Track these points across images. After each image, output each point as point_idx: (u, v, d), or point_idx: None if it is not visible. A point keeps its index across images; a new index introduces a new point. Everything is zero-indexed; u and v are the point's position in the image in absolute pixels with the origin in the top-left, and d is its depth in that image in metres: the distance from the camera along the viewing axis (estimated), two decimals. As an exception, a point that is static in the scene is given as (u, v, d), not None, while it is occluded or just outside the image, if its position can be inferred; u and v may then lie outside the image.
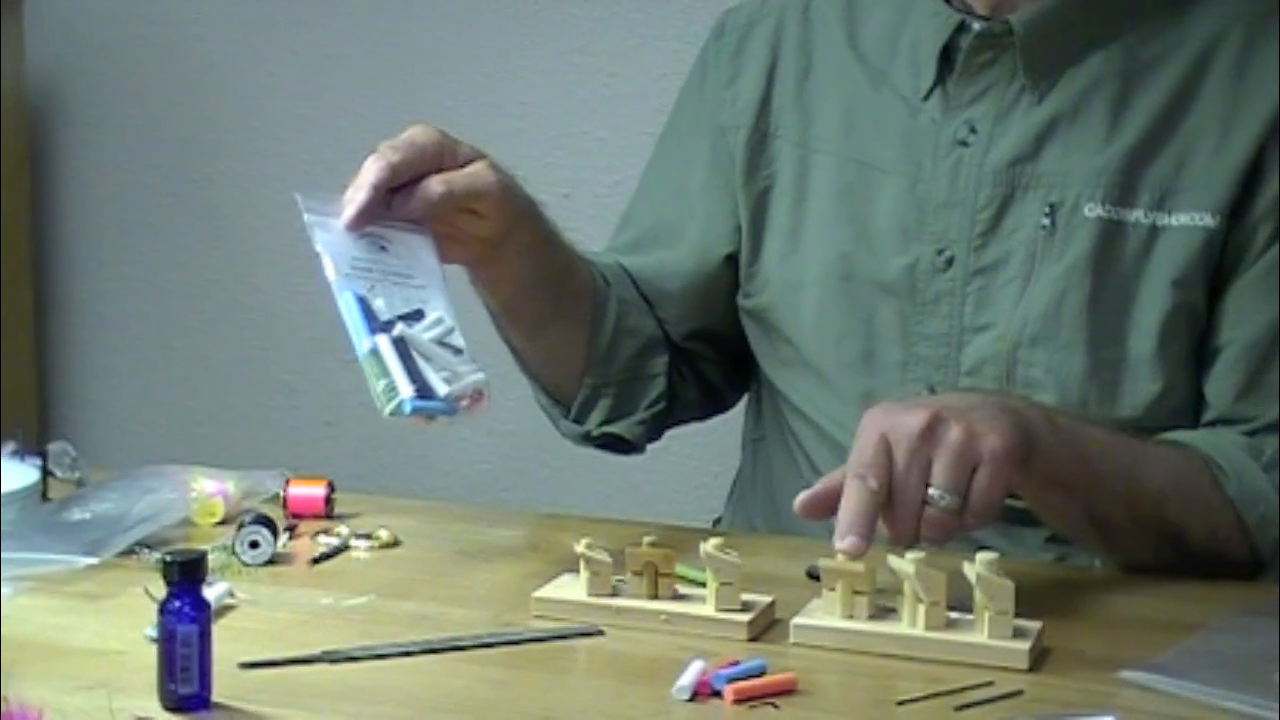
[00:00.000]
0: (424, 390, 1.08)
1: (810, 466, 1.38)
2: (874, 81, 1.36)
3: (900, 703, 0.95)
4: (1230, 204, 1.25)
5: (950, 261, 1.30)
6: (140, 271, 2.37)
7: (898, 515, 1.07)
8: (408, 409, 1.07)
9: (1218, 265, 1.26)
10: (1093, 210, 1.27)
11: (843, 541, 1.05)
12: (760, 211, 1.39)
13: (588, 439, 1.40)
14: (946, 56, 1.31)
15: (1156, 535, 1.21)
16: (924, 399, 1.16)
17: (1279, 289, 1.25)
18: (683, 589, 1.09)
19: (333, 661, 1.01)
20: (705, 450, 1.95)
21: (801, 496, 1.11)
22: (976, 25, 1.30)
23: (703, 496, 2.03)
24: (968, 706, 0.94)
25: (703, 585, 1.08)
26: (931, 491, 1.07)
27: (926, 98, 1.33)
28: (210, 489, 1.29)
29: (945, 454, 1.07)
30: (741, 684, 0.95)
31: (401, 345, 1.10)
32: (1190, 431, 1.26)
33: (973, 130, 1.30)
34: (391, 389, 1.08)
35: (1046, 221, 1.27)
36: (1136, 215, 1.26)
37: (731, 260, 1.41)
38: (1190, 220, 1.26)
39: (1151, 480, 1.20)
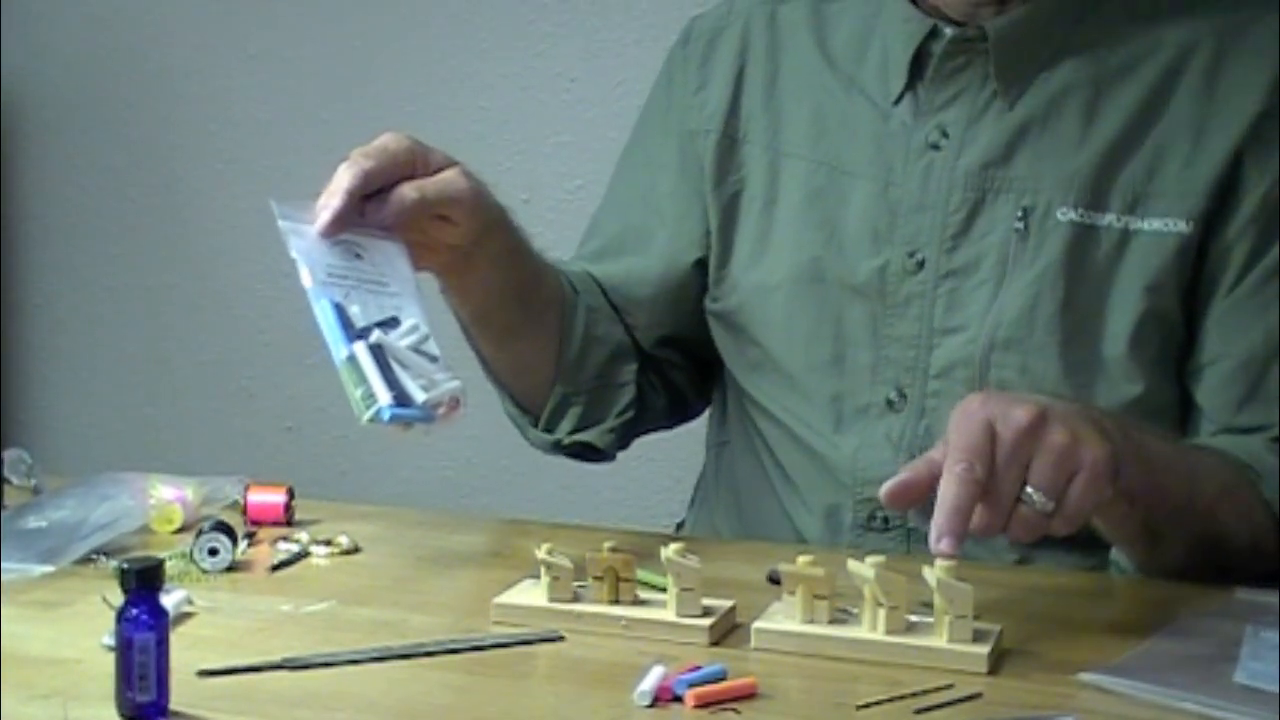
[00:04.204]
0: (401, 398, 1.09)
1: (777, 468, 1.38)
2: (844, 86, 1.36)
3: (860, 706, 0.95)
4: (1204, 212, 1.26)
5: (921, 264, 1.31)
6: (98, 276, 2.35)
7: (991, 507, 1.04)
8: (386, 416, 1.08)
9: (1194, 275, 1.27)
10: (1065, 214, 1.28)
11: (939, 543, 1.01)
12: (730, 216, 1.39)
13: (558, 447, 1.40)
14: (918, 61, 1.32)
15: (1202, 543, 1.20)
16: (1027, 396, 1.11)
17: (1271, 303, 1.26)
18: (643, 594, 1.09)
19: (292, 669, 1.00)
20: (666, 456, 1.95)
21: (889, 485, 1.06)
22: (949, 31, 1.31)
23: (664, 502, 2.03)
24: (927, 710, 0.95)
25: (663, 590, 1.08)
26: (1028, 490, 1.05)
27: (898, 102, 1.33)
28: (168, 496, 1.28)
29: (1048, 454, 1.05)
30: (702, 689, 0.95)
31: (378, 352, 1.10)
32: (1217, 437, 1.27)
33: (944, 134, 1.31)
34: (369, 396, 1.08)
35: (1019, 225, 1.28)
36: (1109, 219, 1.27)
37: (700, 265, 1.42)
38: (1163, 226, 1.27)
39: (1206, 489, 1.20)
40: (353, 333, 1.11)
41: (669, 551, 1.06)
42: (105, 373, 2.37)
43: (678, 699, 0.95)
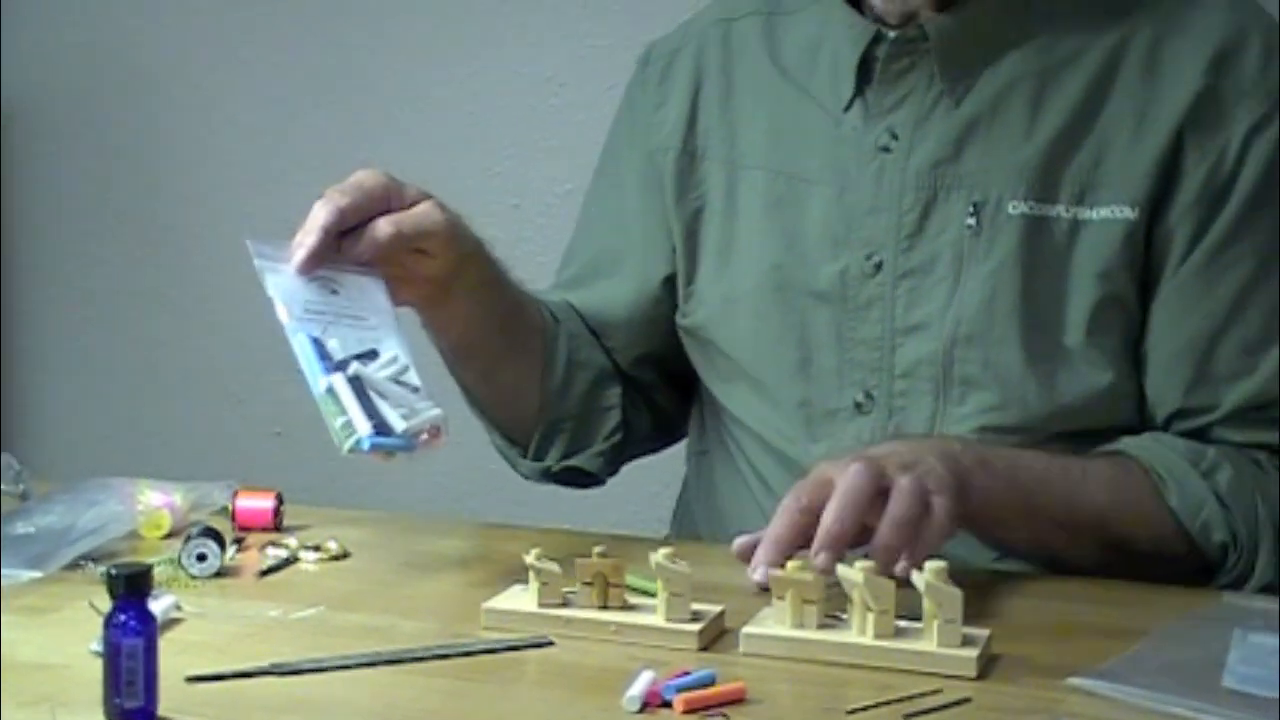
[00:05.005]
0: (381, 427, 1.10)
1: (754, 474, 1.39)
2: (797, 95, 1.38)
3: (850, 711, 0.95)
4: (1148, 196, 1.28)
5: (879, 266, 1.32)
6: (87, 282, 2.35)
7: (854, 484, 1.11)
8: (365, 446, 1.09)
9: (1143, 259, 1.29)
10: (1016, 207, 1.29)
11: (753, 573, 1.12)
12: (693, 231, 1.41)
13: (548, 475, 1.42)
14: (865, 67, 1.33)
15: (1101, 549, 1.24)
16: (863, 451, 1.20)
17: (1212, 285, 1.27)
18: (632, 599, 1.09)
19: (281, 674, 1.00)
20: (653, 462, 1.94)
21: (739, 541, 1.16)
22: (891, 34, 1.32)
23: (652, 507, 2.03)
24: (916, 714, 0.95)
25: (652, 595, 1.08)
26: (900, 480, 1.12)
27: (848, 108, 1.34)
28: (157, 501, 1.28)
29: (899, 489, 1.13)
30: (691, 694, 0.95)
31: (357, 383, 1.12)
32: (1134, 439, 1.29)
33: (894, 136, 1.32)
34: (349, 427, 1.09)
35: (972, 221, 1.29)
36: (1059, 210, 1.29)
37: (670, 282, 1.43)
38: (1110, 214, 1.28)
39: (1092, 501, 1.23)
40: (331, 365, 1.12)
41: (658, 556, 1.06)
42: (93, 378, 2.37)
43: (667, 704, 0.94)
